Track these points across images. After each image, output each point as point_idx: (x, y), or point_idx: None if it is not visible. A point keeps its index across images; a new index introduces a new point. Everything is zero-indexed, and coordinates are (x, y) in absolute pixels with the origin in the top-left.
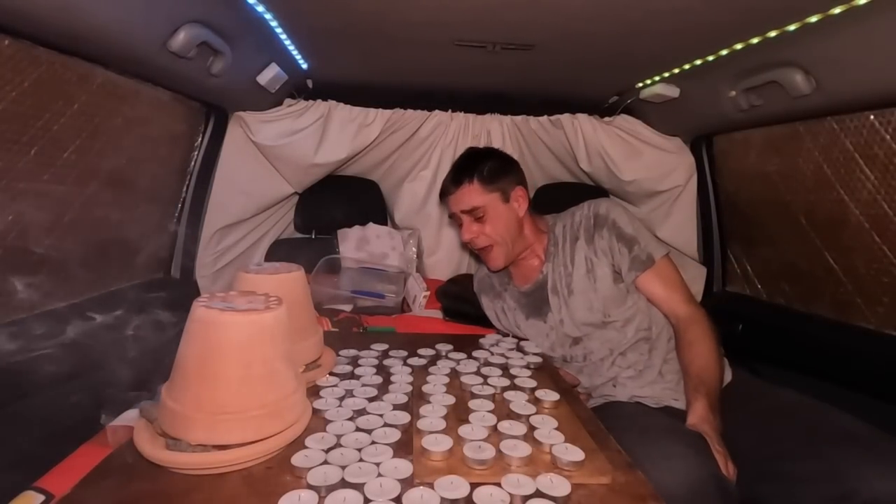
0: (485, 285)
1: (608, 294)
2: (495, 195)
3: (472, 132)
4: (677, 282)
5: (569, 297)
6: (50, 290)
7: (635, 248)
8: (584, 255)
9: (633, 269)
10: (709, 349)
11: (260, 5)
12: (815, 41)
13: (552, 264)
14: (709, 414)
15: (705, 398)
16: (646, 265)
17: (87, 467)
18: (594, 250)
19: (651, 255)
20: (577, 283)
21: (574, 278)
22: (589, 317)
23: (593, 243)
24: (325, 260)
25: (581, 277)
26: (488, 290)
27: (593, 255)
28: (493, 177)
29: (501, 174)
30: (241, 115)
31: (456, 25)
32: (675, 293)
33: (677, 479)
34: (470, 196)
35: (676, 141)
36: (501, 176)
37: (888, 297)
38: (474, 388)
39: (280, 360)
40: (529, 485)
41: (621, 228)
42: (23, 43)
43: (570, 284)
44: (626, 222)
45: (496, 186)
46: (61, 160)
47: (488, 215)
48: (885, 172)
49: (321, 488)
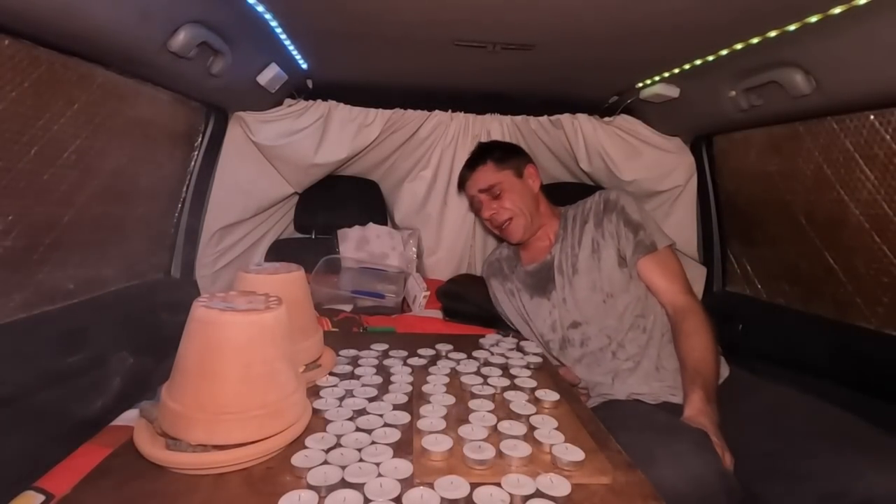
0: (494, 269)
1: (612, 274)
2: (508, 171)
3: (472, 132)
4: (677, 272)
5: (573, 276)
6: (50, 290)
7: (640, 234)
8: (591, 236)
9: (636, 253)
10: (705, 341)
11: (260, 5)
12: (815, 41)
13: (560, 245)
14: (706, 406)
15: (702, 390)
16: (648, 250)
17: (87, 467)
18: (602, 233)
19: (654, 243)
20: (583, 262)
21: (580, 258)
22: (591, 296)
23: (601, 226)
24: (325, 260)
25: (586, 257)
26: (497, 273)
27: (600, 238)
28: (504, 158)
29: (512, 155)
30: (241, 115)
31: (456, 25)
32: (674, 283)
33: (682, 478)
34: (485, 175)
35: (676, 141)
36: (512, 156)
37: (888, 297)
38: (474, 388)
39: (280, 360)
40: (529, 485)
41: (629, 214)
42: (23, 43)
43: (576, 264)
44: (635, 209)
45: (508, 164)
46: (61, 160)
47: (504, 190)
48: (885, 172)
49: (321, 488)
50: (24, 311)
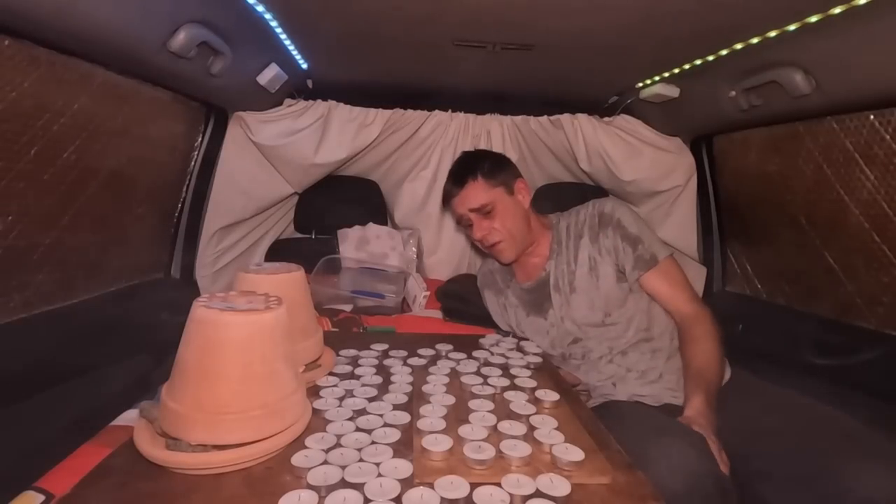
0: (488, 280)
1: (610, 293)
2: (500, 189)
3: (472, 132)
4: (682, 281)
5: (570, 295)
6: (50, 290)
7: (639, 248)
8: (587, 253)
9: (637, 269)
10: (712, 347)
11: (260, 5)
12: (815, 41)
13: (555, 262)
14: (706, 409)
15: (704, 394)
16: (649, 265)
17: (87, 467)
18: (598, 249)
19: (655, 255)
20: (580, 280)
21: (577, 276)
22: (589, 316)
23: (598, 242)
24: (325, 260)
25: (584, 275)
26: (491, 285)
27: (597, 254)
28: (494, 172)
29: (501, 168)
30: (241, 115)
31: (456, 25)
32: (680, 292)
33: (677, 479)
34: (476, 193)
35: (676, 141)
36: (501, 170)
37: (888, 297)
38: (474, 388)
39: (280, 360)
40: (529, 485)
41: (626, 228)
42: (23, 43)
43: (573, 282)
44: (631, 222)
45: (499, 181)
46: (61, 160)
47: (496, 210)
48: (885, 172)
49: (321, 488)
50: (24, 311)
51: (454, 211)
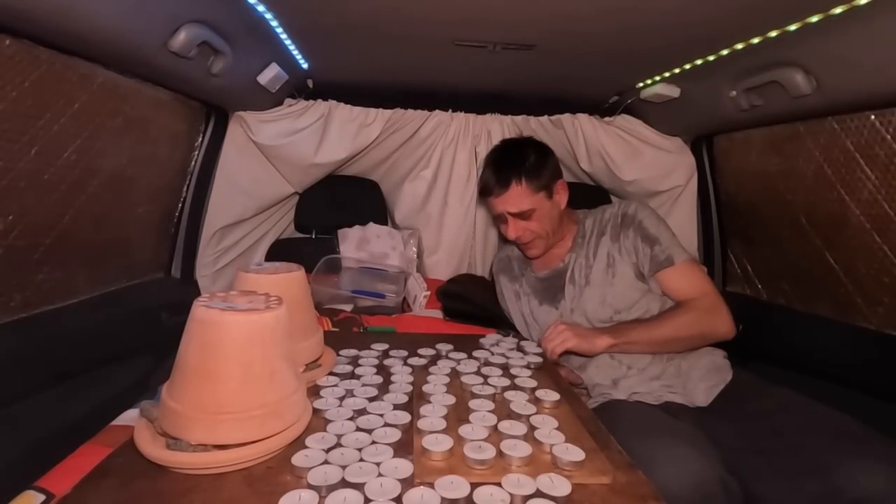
0: (504, 266)
1: (624, 292)
2: (541, 194)
3: (472, 132)
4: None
5: (584, 288)
6: (50, 290)
7: (655, 248)
8: (606, 250)
9: (652, 269)
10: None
11: (260, 5)
12: (816, 41)
13: (575, 254)
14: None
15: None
16: (663, 265)
17: (87, 467)
18: (618, 248)
19: (671, 257)
20: (596, 275)
21: (594, 271)
22: (599, 311)
23: (618, 241)
24: (325, 260)
25: (600, 271)
26: (507, 271)
27: (616, 253)
28: (538, 173)
29: (543, 168)
30: (242, 114)
31: (456, 25)
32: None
33: (682, 481)
34: (519, 199)
35: (677, 141)
36: (543, 170)
37: (888, 297)
38: (474, 387)
39: (280, 359)
40: (530, 485)
41: (646, 229)
42: (23, 43)
43: (589, 276)
44: (652, 224)
45: (541, 184)
46: (61, 160)
47: (536, 214)
48: (886, 172)
49: (321, 488)
50: (24, 311)
51: (492, 206)
